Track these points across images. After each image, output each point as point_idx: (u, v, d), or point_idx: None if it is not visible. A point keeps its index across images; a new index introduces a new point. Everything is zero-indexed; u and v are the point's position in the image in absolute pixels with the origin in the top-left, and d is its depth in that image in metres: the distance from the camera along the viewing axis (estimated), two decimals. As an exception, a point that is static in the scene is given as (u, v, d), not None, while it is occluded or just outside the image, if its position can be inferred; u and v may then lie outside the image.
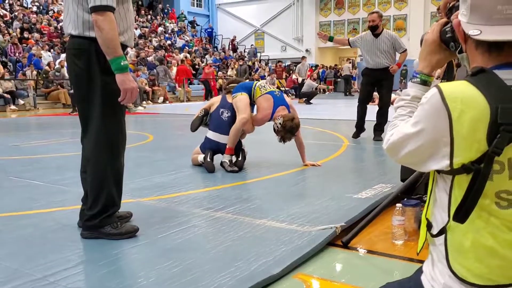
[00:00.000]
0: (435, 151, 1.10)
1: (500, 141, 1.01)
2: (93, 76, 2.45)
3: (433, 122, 1.08)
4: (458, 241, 1.10)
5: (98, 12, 2.31)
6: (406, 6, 24.60)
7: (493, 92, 1.04)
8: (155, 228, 2.70)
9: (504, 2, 1.04)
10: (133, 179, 4.00)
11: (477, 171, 1.04)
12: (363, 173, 4.43)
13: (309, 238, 2.48)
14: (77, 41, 2.47)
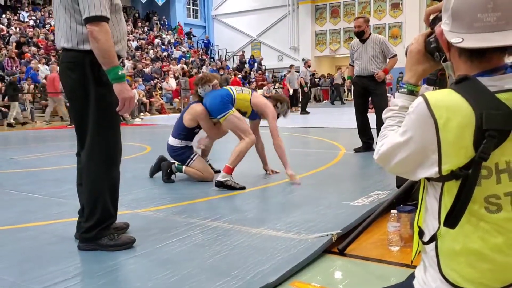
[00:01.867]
0: (424, 159, 1.12)
1: (486, 146, 1.03)
2: (88, 89, 2.44)
3: (420, 130, 1.10)
4: (449, 247, 1.12)
5: (93, 23, 2.31)
6: (401, 14, 24.77)
7: (477, 98, 1.06)
8: (152, 239, 2.71)
9: (483, 10, 1.06)
10: (131, 190, 4.02)
11: (465, 177, 1.05)
12: (359, 180, 4.45)
13: (306, 246, 2.49)
14: (70, 54, 2.46)
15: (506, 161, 1.07)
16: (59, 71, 2.62)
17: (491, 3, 1.06)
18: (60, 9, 2.44)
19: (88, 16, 2.31)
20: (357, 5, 26.35)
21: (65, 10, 2.42)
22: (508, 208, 1.08)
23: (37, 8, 23.27)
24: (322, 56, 27.88)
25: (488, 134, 1.03)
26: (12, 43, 17.48)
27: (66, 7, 2.41)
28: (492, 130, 1.03)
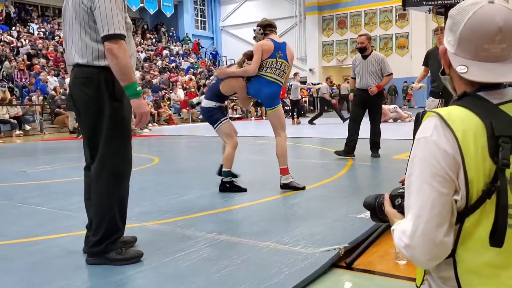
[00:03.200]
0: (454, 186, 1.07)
1: (504, 152, 1.03)
2: (102, 104, 2.49)
3: (446, 147, 1.07)
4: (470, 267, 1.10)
5: (112, 40, 2.37)
6: (407, 25, 24.79)
7: (483, 110, 1.08)
8: (160, 253, 2.72)
9: (490, 41, 1.08)
10: (138, 203, 4.03)
11: (496, 189, 1.04)
12: (367, 192, 4.38)
13: (313, 260, 2.49)
14: (85, 70, 2.50)
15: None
16: (72, 87, 2.62)
17: (499, 36, 1.08)
18: (75, 26, 2.49)
19: (107, 34, 2.37)
20: (363, 16, 26.43)
21: (81, 27, 2.46)
22: None
23: (46, 20, 23.56)
24: (329, 66, 27.93)
25: (502, 141, 1.04)
26: (23, 55, 17.69)
27: (81, 24, 2.46)
28: (504, 136, 1.04)
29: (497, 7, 1.09)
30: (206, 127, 6.17)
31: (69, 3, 2.55)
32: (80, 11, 2.45)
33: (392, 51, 25.44)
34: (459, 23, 1.13)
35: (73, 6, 2.49)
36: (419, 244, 1.08)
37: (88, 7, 2.42)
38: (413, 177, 1.12)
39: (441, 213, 1.07)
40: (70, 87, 2.66)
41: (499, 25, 1.07)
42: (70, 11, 2.51)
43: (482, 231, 1.07)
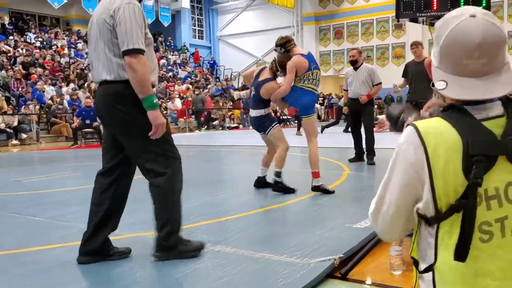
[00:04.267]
0: (418, 191, 1.12)
1: (477, 171, 1.05)
2: (135, 118, 2.60)
3: (412, 159, 1.11)
4: (446, 279, 1.12)
5: (131, 55, 2.48)
6: (404, 35, 24.96)
7: (464, 125, 1.09)
8: (155, 264, 2.71)
9: (469, 57, 1.09)
10: (134, 213, 4.02)
11: (465, 206, 1.06)
12: (363, 202, 4.41)
13: (308, 271, 2.48)
14: (113, 86, 2.61)
15: (495, 187, 1.08)
16: (101, 103, 2.69)
17: (477, 52, 1.08)
18: (100, 43, 2.60)
19: (126, 49, 2.48)
20: (360, 26, 26.61)
21: (105, 44, 2.58)
22: (498, 234, 1.09)
23: (43, 29, 23.62)
24: (326, 76, 28.04)
25: (476, 160, 1.05)
26: (19, 65, 17.71)
27: (105, 41, 2.58)
28: (478, 155, 1.05)
29: (478, 21, 1.09)
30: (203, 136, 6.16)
31: (93, 23, 2.66)
32: (104, 29, 2.57)
33: (388, 61, 25.59)
34: (441, 37, 1.14)
35: (97, 25, 2.61)
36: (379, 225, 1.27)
37: (110, 25, 2.54)
38: (385, 177, 1.21)
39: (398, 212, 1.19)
40: (99, 104, 2.73)
41: (476, 41, 1.07)
42: (95, 30, 2.63)
43: (452, 242, 1.10)
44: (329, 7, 27.59)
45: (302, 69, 4.68)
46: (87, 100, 13.78)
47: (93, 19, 2.69)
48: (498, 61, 1.11)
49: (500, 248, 1.09)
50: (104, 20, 2.56)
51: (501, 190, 1.08)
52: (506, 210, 1.08)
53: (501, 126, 1.10)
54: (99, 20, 2.61)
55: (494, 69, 1.11)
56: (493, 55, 1.09)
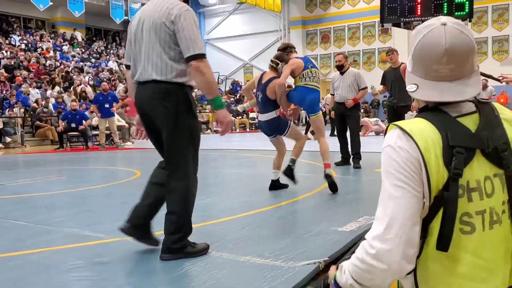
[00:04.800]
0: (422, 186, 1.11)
1: (457, 162, 1.09)
2: (181, 117, 2.76)
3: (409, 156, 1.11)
4: (427, 274, 1.15)
5: (198, 59, 2.65)
6: (390, 39, 25.17)
7: (441, 122, 1.14)
8: (140, 268, 2.71)
9: (437, 62, 1.14)
10: (119, 218, 3.98)
11: (446, 197, 1.09)
12: (348, 205, 4.46)
13: (293, 274, 2.50)
14: (163, 86, 2.74)
15: (476, 180, 1.12)
16: (148, 99, 2.81)
17: (445, 58, 1.13)
18: (156, 47, 2.72)
19: (193, 54, 2.65)
20: (347, 31, 26.79)
21: (161, 47, 2.71)
22: (480, 227, 1.12)
23: (28, 32, 23.39)
24: (313, 79, 28.18)
25: (456, 151, 1.09)
26: (3, 67, 17.50)
27: (162, 44, 2.71)
28: (458, 146, 1.09)
29: (447, 29, 1.14)
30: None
31: (143, 25, 2.79)
32: (162, 33, 2.70)
33: (375, 65, 25.79)
34: (414, 44, 1.20)
35: (153, 28, 2.73)
36: (394, 244, 1.08)
37: (171, 30, 2.67)
38: (383, 187, 1.15)
39: (414, 215, 1.10)
40: (144, 100, 2.84)
41: (444, 48, 1.12)
42: (148, 33, 2.75)
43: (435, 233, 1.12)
44: (316, 11, 27.74)
45: (298, 68, 4.91)
46: (72, 103, 13.68)
47: (142, 19, 2.80)
48: (467, 68, 1.16)
49: (482, 243, 1.12)
50: (164, 24, 2.68)
51: (481, 183, 1.12)
52: (485, 204, 1.12)
53: (474, 122, 1.15)
54: (156, 22, 2.71)
55: (463, 74, 1.16)
56: (461, 62, 1.14)
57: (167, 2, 2.74)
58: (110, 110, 12.85)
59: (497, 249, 1.14)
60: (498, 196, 1.14)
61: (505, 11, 22.30)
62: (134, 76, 2.90)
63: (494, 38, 22.51)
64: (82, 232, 3.56)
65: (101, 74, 20.51)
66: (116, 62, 23.00)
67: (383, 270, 1.10)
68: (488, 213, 1.12)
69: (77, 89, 17.49)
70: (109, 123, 13.01)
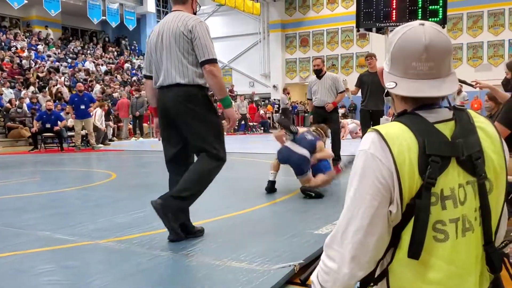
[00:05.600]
0: (390, 193, 1.10)
1: (432, 171, 1.08)
2: (204, 115, 3.17)
3: (382, 160, 1.11)
4: (400, 282, 1.14)
5: (211, 63, 3.05)
6: (368, 44, 25.46)
7: (418, 128, 1.13)
8: (113, 271, 2.66)
9: (417, 60, 1.14)
10: (93, 220, 3.94)
11: (418, 205, 1.08)
12: (325, 208, 4.46)
13: (268, 278, 2.49)
14: (187, 88, 3.11)
15: (450, 188, 1.11)
16: (172, 101, 3.14)
17: (424, 55, 1.14)
18: (177, 53, 3.08)
19: (208, 59, 3.04)
20: (325, 35, 27.00)
21: (181, 53, 3.08)
22: (453, 235, 1.12)
23: (2, 30, 22.87)
24: (292, 83, 28.29)
25: (431, 160, 1.08)
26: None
27: (181, 51, 3.08)
28: (434, 155, 1.09)
29: (426, 28, 1.15)
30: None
31: (164, 33, 3.14)
32: (181, 41, 3.07)
33: (352, 70, 26.05)
34: (392, 43, 1.20)
35: (173, 36, 3.09)
36: (346, 248, 1.12)
37: (189, 38, 3.06)
38: (351, 190, 1.16)
39: (373, 224, 1.11)
40: (169, 102, 3.16)
41: (424, 44, 1.13)
42: (169, 40, 3.11)
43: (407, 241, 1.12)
44: (295, 15, 27.90)
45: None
46: (48, 104, 13.42)
47: (163, 29, 3.15)
48: (445, 68, 1.16)
49: (455, 250, 1.12)
50: (182, 33, 3.06)
51: (455, 191, 1.12)
52: (459, 212, 1.12)
53: (450, 129, 1.15)
54: (175, 31, 3.09)
55: (441, 74, 1.16)
56: (439, 60, 1.15)
57: (184, 15, 3.13)
58: (86, 111, 12.62)
59: (469, 255, 1.14)
60: (470, 204, 1.14)
61: (480, 18, 22.80)
62: (156, 83, 3.24)
63: (469, 45, 23.00)
64: (54, 235, 3.48)
65: (78, 74, 20.19)
66: (93, 63, 22.67)
67: (335, 271, 1.13)
68: (461, 220, 1.12)
69: (53, 89, 17.18)
70: (85, 124, 12.77)
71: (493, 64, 22.34)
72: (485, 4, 22.51)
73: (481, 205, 1.15)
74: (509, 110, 3.22)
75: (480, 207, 1.15)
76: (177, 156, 3.32)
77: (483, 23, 22.78)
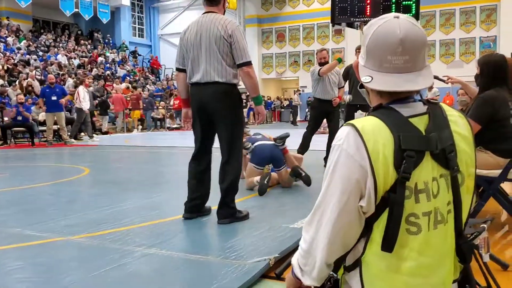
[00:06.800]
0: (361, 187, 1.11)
1: (406, 166, 1.09)
2: (237, 110, 3.55)
3: (355, 156, 1.11)
4: (372, 272, 1.15)
5: (248, 65, 3.44)
6: (343, 40, 25.68)
7: (394, 122, 1.13)
8: (85, 267, 2.61)
9: (392, 53, 1.14)
10: (65, 216, 3.86)
11: (393, 199, 1.09)
12: (303, 202, 4.46)
13: (243, 272, 2.48)
14: (224, 86, 3.44)
15: (424, 182, 1.12)
16: (211, 97, 3.45)
17: (400, 48, 1.13)
18: (217, 55, 3.39)
19: (245, 61, 3.42)
20: (301, 31, 27.09)
21: (220, 55, 3.39)
22: (425, 228, 1.13)
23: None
24: (268, 78, 28.33)
25: (407, 154, 1.09)
26: None
27: (220, 53, 3.38)
28: (409, 150, 1.09)
29: (401, 21, 1.15)
30: (140, 137, 5.94)
31: (203, 35, 3.43)
32: (221, 44, 3.38)
33: (328, 65, 26.20)
34: (367, 36, 1.19)
35: (213, 38, 3.39)
36: (317, 234, 1.18)
37: (228, 42, 3.38)
38: (324, 183, 1.18)
39: (341, 217, 1.14)
40: (207, 98, 3.46)
41: (399, 37, 1.13)
42: (209, 42, 3.40)
43: (380, 233, 1.13)
44: (271, 10, 27.89)
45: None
46: (19, 97, 13.08)
47: (201, 30, 3.43)
48: (420, 61, 1.17)
49: (426, 242, 1.13)
50: (222, 36, 3.37)
51: (429, 184, 1.13)
52: (432, 205, 1.13)
53: (424, 123, 1.15)
54: (215, 34, 3.38)
55: (416, 67, 1.16)
56: (415, 53, 1.15)
57: (221, 19, 3.44)
58: (57, 102, 12.25)
59: (440, 247, 1.16)
60: (443, 197, 1.15)
61: (452, 16, 23.23)
62: (190, 78, 3.54)
63: (441, 42, 23.42)
64: (24, 232, 3.39)
65: (50, 68, 19.74)
66: (65, 56, 22.20)
67: (311, 254, 1.19)
68: (434, 213, 1.14)
69: (23, 83, 16.76)
70: (57, 118, 12.45)
71: (465, 61, 22.81)
72: (457, 2, 22.96)
73: (453, 199, 1.17)
74: (478, 106, 3.28)
75: (453, 200, 1.17)
76: (202, 151, 3.67)
77: (455, 20, 23.21)
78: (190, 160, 3.72)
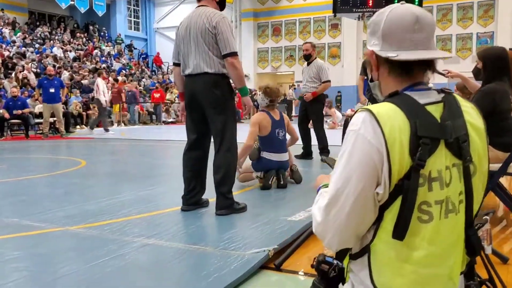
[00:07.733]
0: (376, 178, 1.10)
1: (422, 153, 1.08)
2: (227, 101, 3.56)
3: (372, 140, 1.10)
4: (382, 259, 1.14)
5: (232, 56, 3.43)
6: (339, 35, 25.63)
7: (410, 109, 1.13)
8: (83, 258, 2.60)
9: (411, 31, 1.17)
10: (63, 207, 3.85)
11: (407, 186, 1.08)
12: (300, 195, 4.46)
13: (242, 262, 2.48)
14: (213, 77, 3.48)
15: (438, 170, 1.12)
16: (201, 87, 3.51)
17: (417, 25, 1.17)
18: (204, 47, 3.45)
19: (229, 52, 3.42)
20: (298, 24, 27.01)
21: (207, 47, 3.44)
22: (437, 217, 1.12)
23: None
24: (264, 72, 28.25)
25: (422, 142, 1.09)
26: None
27: (207, 44, 3.44)
28: (425, 137, 1.09)
29: (408, 5, 1.21)
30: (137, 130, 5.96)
31: (191, 28, 3.50)
32: (207, 36, 3.44)
33: (324, 60, 26.18)
34: (379, 23, 1.21)
35: (200, 31, 3.46)
36: (330, 229, 1.17)
37: (213, 34, 3.42)
38: (338, 168, 1.15)
39: (355, 205, 1.12)
40: (198, 88, 3.52)
41: (416, 14, 1.17)
42: (196, 34, 3.47)
43: (391, 221, 1.12)
44: (267, 4, 27.77)
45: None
46: (13, 90, 13.00)
47: (190, 23, 3.51)
48: (433, 42, 1.20)
49: (437, 232, 1.13)
50: (207, 29, 3.42)
51: (442, 173, 1.12)
52: (444, 193, 1.13)
53: (439, 111, 1.16)
54: (201, 27, 3.45)
55: (432, 46, 1.20)
56: (431, 29, 1.19)
57: (208, 11, 3.49)
58: (56, 94, 12.17)
59: (450, 237, 1.16)
60: (455, 186, 1.15)
61: (449, 11, 23.22)
62: (183, 71, 3.60)
63: (438, 37, 23.40)
64: (22, 222, 3.38)
65: (45, 60, 19.61)
66: (61, 49, 22.06)
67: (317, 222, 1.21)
68: (445, 202, 1.13)
69: (19, 75, 16.65)
70: (54, 110, 12.36)
71: (461, 57, 22.83)
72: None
73: (465, 188, 1.17)
74: (479, 99, 3.28)
75: (465, 190, 1.17)
76: (195, 143, 3.68)
77: (452, 16, 23.20)
78: (184, 152, 3.73)
